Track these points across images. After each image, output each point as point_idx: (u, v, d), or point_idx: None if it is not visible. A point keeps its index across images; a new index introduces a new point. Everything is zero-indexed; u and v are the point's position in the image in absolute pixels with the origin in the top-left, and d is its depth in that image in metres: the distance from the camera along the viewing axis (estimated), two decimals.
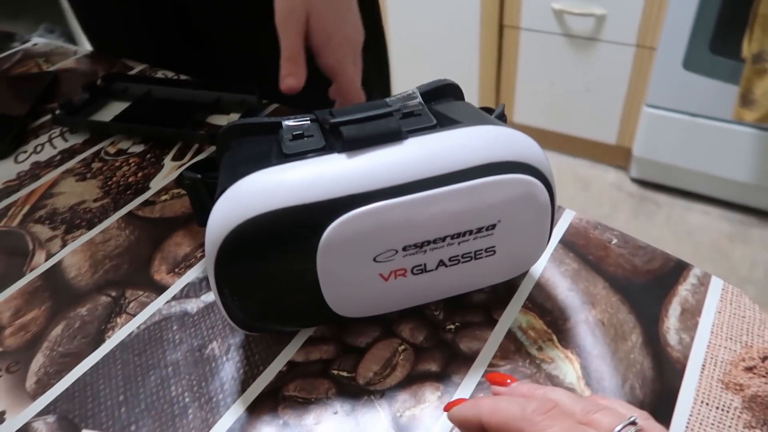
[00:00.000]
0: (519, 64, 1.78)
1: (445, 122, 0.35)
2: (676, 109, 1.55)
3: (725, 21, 1.39)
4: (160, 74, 0.70)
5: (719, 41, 1.42)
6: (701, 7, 1.39)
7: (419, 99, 0.38)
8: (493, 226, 0.34)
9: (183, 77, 0.69)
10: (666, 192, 1.73)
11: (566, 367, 0.35)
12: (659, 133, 1.61)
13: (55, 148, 0.59)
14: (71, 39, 2.67)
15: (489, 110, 0.42)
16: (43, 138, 0.61)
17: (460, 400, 0.29)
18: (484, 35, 1.77)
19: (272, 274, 0.33)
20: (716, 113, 1.50)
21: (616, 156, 1.82)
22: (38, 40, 0.83)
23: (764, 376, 0.33)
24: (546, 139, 1.91)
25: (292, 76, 0.47)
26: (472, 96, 1.90)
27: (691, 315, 0.37)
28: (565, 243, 0.43)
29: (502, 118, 0.41)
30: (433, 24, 1.84)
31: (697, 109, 1.53)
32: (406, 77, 2.03)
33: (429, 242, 0.33)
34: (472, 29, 1.78)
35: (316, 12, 0.48)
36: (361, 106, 0.35)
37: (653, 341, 0.36)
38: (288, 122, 0.36)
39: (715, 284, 0.39)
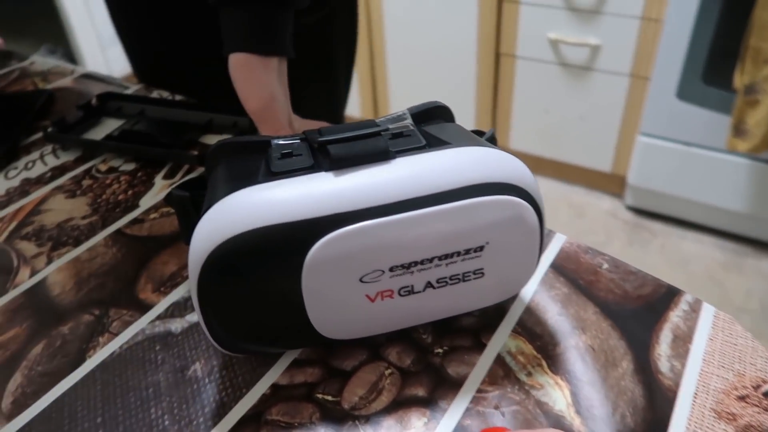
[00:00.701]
0: (515, 91, 1.80)
1: (434, 143, 0.35)
2: (670, 138, 1.57)
3: (717, 53, 1.41)
4: (155, 94, 0.70)
5: (712, 72, 1.44)
6: (693, 39, 1.41)
7: (409, 120, 0.38)
8: (481, 248, 0.33)
9: (178, 98, 0.69)
10: (661, 220, 1.73)
11: (556, 393, 0.34)
12: (654, 162, 1.62)
13: (46, 165, 0.59)
14: (72, 60, 2.70)
15: (480, 133, 0.42)
16: (35, 155, 0.61)
17: None
18: (481, 62, 1.79)
19: (256, 293, 0.32)
20: (710, 142, 1.51)
21: (611, 183, 1.83)
22: (36, 59, 0.83)
23: (757, 405, 0.32)
24: (541, 165, 1.92)
25: None
26: (469, 122, 1.92)
27: (682, 342, 0.36)
28: (556, 267, 0.42)
29: (492, 141, 0.41)
30: (430, 51, 1.87)
31: (690, 138, 1.54)
32: (404, 103, 2.05)
33: (416, 263, 0.32)
34: (469, 56, 1.80)
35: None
36: (350, 125, 0.35)
37: (644, 368, 0.35)
38: (278, 141, 0.36)
39: (707, 311, 0.38)
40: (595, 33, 1.57)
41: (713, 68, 1.43)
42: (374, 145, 0.33)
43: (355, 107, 2.12)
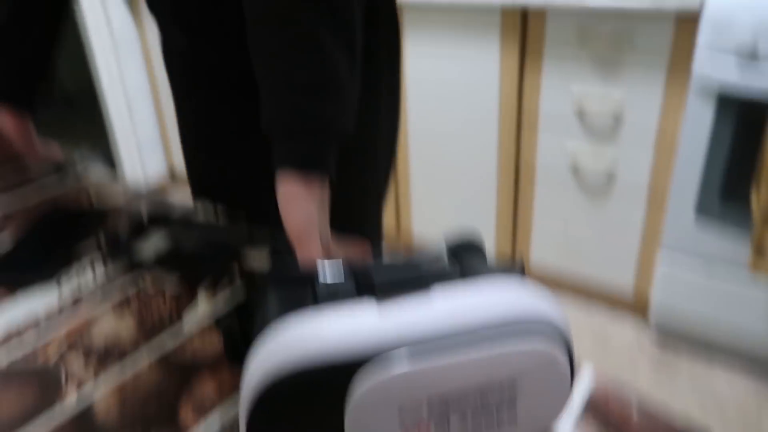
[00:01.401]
0: (534, 206, 1.85)
1: (469, 278, 0.38)
2: (692, 254, 1.57)
3: (734, 172, 1.44)
4: (199, 208, 0.75)
5: (730, 190, 1.46)
6: (709, 161, 1.46)
7: (445, 254, 0.42)
8: (515, 396, 0.35)
9: (219, 208, 0.74)
10: (688, 343, 1.70)
11: None
12: (676, 280, 1.62)
13: (96, 281, 0.62)
14: (110, 160, 2.85)
15: (509, 264, 0.45)
16: (87, 270, 0.64)
17: None
18: (501, 176, 1.86)
19: (301, 430, 0.34)
20: (733, 259, 1.52)
21: (634, 307, 1.82)
22: (90, 173, 0.90)
23: None
24: (562, 287, 1.92)
25: None
26: (489, 234, 1.96)
27: None
28: (585, 409, 0.43)
29: (521, 272, 0.44)
30: (452, 164, 1.95)
31: (713, 256, 1.55)
32: (426, 212, 2.11)
33: (452, 406, 0.34)
34: (490, 169, 1.88)
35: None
36: (397, 267, 0.38)
37: None
38: (325, 281, 0.39)
39: None
40: (613, 153, 1.64)
41: (731, 186, 1.46)
42: (417, 285, 0.36)
43: None
